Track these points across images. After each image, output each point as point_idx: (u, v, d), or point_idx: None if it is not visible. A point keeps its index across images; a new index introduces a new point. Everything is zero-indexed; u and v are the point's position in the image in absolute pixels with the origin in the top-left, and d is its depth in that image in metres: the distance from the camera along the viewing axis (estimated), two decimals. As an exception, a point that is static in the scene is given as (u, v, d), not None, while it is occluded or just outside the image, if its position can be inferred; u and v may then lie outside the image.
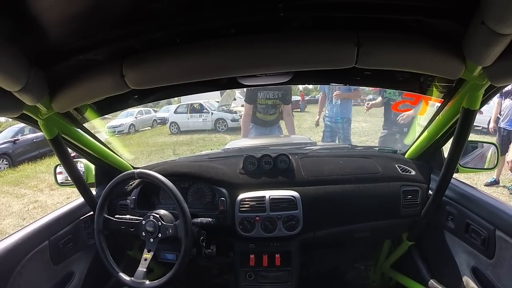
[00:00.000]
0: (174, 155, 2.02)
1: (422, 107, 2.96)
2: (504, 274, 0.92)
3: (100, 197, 1.17)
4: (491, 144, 1.34)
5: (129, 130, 12.72)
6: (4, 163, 8.24)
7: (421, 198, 1.26)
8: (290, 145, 2.01)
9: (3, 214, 4.62)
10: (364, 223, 1.30)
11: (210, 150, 2.22)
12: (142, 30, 0.72)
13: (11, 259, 0.99)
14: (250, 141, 2.57)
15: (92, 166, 1.43)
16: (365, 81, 1.15)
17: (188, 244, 1.09)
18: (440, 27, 0.70)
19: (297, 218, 1.22)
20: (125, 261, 1.46)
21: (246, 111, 3.12)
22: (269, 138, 2.74)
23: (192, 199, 1.35)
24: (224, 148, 2.09)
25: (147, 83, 0.80)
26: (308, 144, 1.99)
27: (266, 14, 0.70)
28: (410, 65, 0.75)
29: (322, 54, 0.72)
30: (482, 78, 0.78)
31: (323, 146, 2.06)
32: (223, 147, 2.12)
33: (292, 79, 1.12)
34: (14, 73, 0.65)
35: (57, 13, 0.61)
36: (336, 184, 1.27)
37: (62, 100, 0.86)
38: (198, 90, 1.24)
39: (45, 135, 1.02)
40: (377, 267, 1.65)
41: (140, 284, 1.07)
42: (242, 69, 0.78)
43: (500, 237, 0.93)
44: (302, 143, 2.01)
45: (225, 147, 2.18)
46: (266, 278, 1.31)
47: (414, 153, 1.40)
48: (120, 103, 1.19)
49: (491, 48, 0.59)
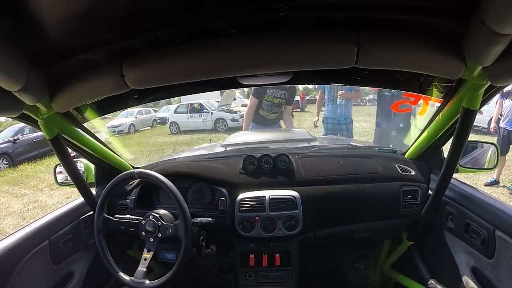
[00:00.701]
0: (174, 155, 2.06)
1: (421, 107, 2.96)
2: (504, 274, 0.92)
3: (100, 197, 1.17)
4: (491, 144, 1.34)
5: (129, 130, 12.73)
6: (4, 163, 8.24)
7: (421, 198, 1.26)
8: (291, 141, 1.99)
9: (3, 214, 4.62)
10: (364, 223, 1.30)
11: (209, 141, 2.17)
12: (142, 30, 0.72)
13: (11, 259, 0.99)
14: (251, 135, 2.55)
15: (92, 166, 1.43)
16: (365, 81, 1.15)
17: (188, 243, 1.09)
18: (440, 27, 0.70)
19: (297, 218, 1.22)
20: (125, 260, 1.46)
21: (251, 104, 3.12)
22: (270, 132, 2.73)
23: (192, 199, 1.35)
24: (225, 143, 2.06)
25: (147, 83, 0.80)
26: (309, 140, 1.97)
27: (266, 14, 0.70)
28: (410, 65, 0.75)
29: (322, 54, 0.72)
30: (482, 78, 0.78)
31: (323, 146, 2.04)
32: (223, 142, 2.09)
33: (292, 79, 1.12)
34: (14, 73, 0.65)
35: (57, 13, 0.61)
36: (336, 184, 1.27)
37: (62, 99, 0.86)
38: (198, 90, 1.24)
39: (45, 135, 1.02)
40: (377, 267, 1.65)
41: (140, 284, 1.07)
42: (242, 69, 0.78)
43: (500, 237, 0.93)
44: (303, 139, 1.99)
45: (226, 141, 2.15)
46: (266, 278, 1.31)
47: (414, 153, 1.40)
48: (120, 103, 1.19)
49: (491, 48, 0.59)
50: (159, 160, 1.75)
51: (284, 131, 3.10)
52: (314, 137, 2.09)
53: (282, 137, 2.24)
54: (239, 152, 1.64)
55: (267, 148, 1.70)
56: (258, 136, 2.48)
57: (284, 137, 2.31)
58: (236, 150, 1.78)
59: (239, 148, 1.82)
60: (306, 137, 2.08)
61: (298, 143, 1.96)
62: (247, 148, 1.83)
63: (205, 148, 2.34)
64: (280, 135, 2.43)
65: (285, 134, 2.59)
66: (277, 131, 2.91)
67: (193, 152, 2.39)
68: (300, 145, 1.86)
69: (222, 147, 1.93)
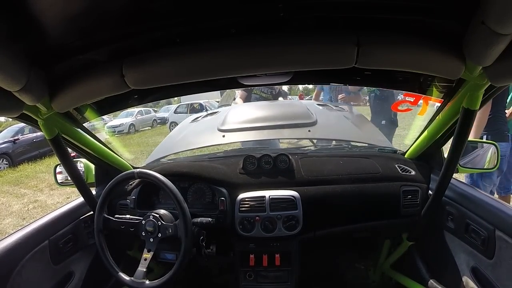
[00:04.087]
0: (174, 155, 2.02)
1: (422, 107, 2.96)
2: (504, 274, 0.92)
3: (100, 197, 1.17)
4: (491, 144, 1.33)
5: (129, 130, 12.75)
6: (4, 163, 8.25)
7: (421, 198, 1.26)
8: (290, 127, 1.86)
9: (3, 214, 4.62)
10: (364, 223, 1.30)
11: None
12: (142, 30, 0.72)
13: (11, 259, 0.99)
14: (248, 112, 2.22)
15: (92, 166, 1.43)
16: (365, 81, 1.16)
17: (188, 244, 1.09)
18: (440, 27, 0.70)
19: (297, 218, 1.22)
20: (125, 261, 1.46)
21: (241, 96, 3.22)
22: (268, 108, 2.35)
23: (192, 199, 1.35)
24: (224, 118, 1.93)
25: (147, 83, 0.80)
26: (309, 124, 1.84)
27: (266, 14, 0.70)
28: (410, 65, 0.75)
29: (322, 54, 0.72)
30: (482, 78, 0.78)
31: (323, 146, 2.03)
32: (223, 126, 1.88)
33: (292, 79, 1.12)
34: (14, 73, 0.65)
35: (57, 13, 0.61)
36: (336, 184, 1.27)
37: (62, 100, 0.86)
38: (198, 90, 1.24)
39: (45, 135, 1.02)
40: (377, 267, 1.65)
41: (140, 284, 1.07)
42: (242, 69, 0.78)
43: (500, 237, 0.93)
44: (303, 123, 1.85)
45: (223, 117, 1.98)
46: (266, 278, 1.31)
47: (414, 153, 1.40)
48: (120, 103, 1.19)
49: (491, 48, 0.59)
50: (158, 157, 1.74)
51: (283, 106, 2.71)
52: (315, 119, 1.89)
53: (280, 116, 1.99)
54: (239, 152, 1.64)
55: (267, 148, 1.69)
56: (255, 112, 2.16)
57: (282, 116, 2.02)
58: (237, 150, 1.77)
59: (239, 148, 1.81)
60: (306, 120, 1.90)
61: (297, 129, 1.84)
62: (247, 148, 1.82)
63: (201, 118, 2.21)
64: (278, 112, 2.13)
65: (284, 110, 2.21)
66: (275, 106, 2.53)
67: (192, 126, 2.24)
68: (300, 132, 1.82)
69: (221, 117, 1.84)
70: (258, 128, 1.80)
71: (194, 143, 1.92)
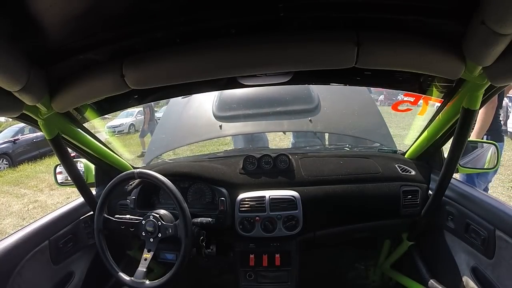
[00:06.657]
0: (174, 155, 2.01)
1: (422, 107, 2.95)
2: (504, 274, 0.92)
3: (100, 197, 1.17)
4: (491, 144, 1.34)
5: (129, 130, 12.72)
6: (4, 163, 8.25)
7: (421, 198, 1.26)
8: (290, 113, 1.79)
9: (3, 214, 4.62)
10: (364, 223, 1.30)
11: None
12: (142, 30, 0.72)
13: (11, 259, 0.99)
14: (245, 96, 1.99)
15: (92, 166, 1.43)
16: (365, 81, 1.15)
17: (188, 244, 1.09)
18: (440, 27, 0.70)
19: (297, 218, 1.22)
20: (125, 261, 1.46)
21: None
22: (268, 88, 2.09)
23: (192, 199, 1.35)
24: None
25: (147, 83, 0.80)
26: (310, 110, 1.77)
27: (266, 14, 0.70)
28: (410, 65, 0.75)
29: (322, 54, 0.72)
30: (482, 78, 0.78)
31: (322, 146, 2.02)
32: (220, 112, 1.80)
33: (292, 79, 1.12)
34: (14, 73, 0.65)
35: (57, 13, 0.61)
36: (336, 184, 1.27)
37: (62, 100, 0.86)
38: (198, 90, 1.24)
39: (45, 135, 1.02)
40: (377, 267, 1.65)
41: (140, 284, 1.07)
42: (242, 69, 0.78)
43: (500, 237, 0.93)
44: (303, 109, 1.79)
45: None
46: (266, 278, 1.31)
47: (414, 153, 1.40)
48: (120, 103, 1.19)
49: (491, 48, 0.59)
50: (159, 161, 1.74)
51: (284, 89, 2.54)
52: (317, 103, 1.81)
53: (279, 99, 1.87)
54: (239, 152, 1.64)
55: (267, 148, 1.69)
56: (251, 92, 1.94)
57: (281, 98, 1.88)
58: (236, 150, 1.77)
59: (240, 148, 1.80)
60: (307, 106, 1.82)
61: (298, 118, 1.79)
62: (247, 148, 1.81)
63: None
64: (276, 94, 1.91)
65: (283, 92, 1.95)
66: (275, 91, 2.21)
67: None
68: (300, 123, 1.77)
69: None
70: (256, 115, 1.74)
71: (190, 136, 1.85)
